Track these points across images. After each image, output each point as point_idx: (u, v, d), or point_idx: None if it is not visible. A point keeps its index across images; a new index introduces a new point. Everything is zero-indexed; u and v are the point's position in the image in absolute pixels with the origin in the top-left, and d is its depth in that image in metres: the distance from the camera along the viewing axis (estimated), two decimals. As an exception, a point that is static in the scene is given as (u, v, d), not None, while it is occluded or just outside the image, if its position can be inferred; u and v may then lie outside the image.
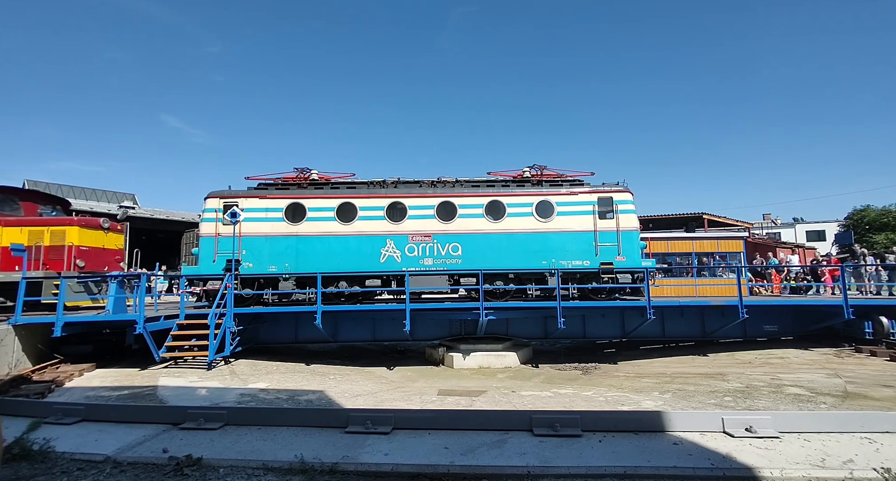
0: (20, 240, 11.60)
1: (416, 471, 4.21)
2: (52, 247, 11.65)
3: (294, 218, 12.14)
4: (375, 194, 12.41)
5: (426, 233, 12.09)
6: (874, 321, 11.13)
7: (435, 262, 11.97)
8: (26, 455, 4.74)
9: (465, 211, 12.21)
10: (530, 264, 11.82)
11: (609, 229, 11.95)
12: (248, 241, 11.90)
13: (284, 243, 11.97)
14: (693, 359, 11.21)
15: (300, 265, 11.82)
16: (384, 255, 11.98)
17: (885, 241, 31.47)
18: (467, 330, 12.31)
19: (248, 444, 4.94)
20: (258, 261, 11.84)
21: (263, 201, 12.23)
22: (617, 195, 12.15)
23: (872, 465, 4.05)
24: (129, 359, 10.51)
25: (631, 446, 4.63)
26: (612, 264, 11.72)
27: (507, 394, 8.41)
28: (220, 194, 12.30)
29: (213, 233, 11.91)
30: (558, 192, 12.33)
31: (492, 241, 12.03)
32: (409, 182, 12.84)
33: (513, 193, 12.37)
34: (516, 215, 12.15)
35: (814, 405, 7.34)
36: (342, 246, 12.00)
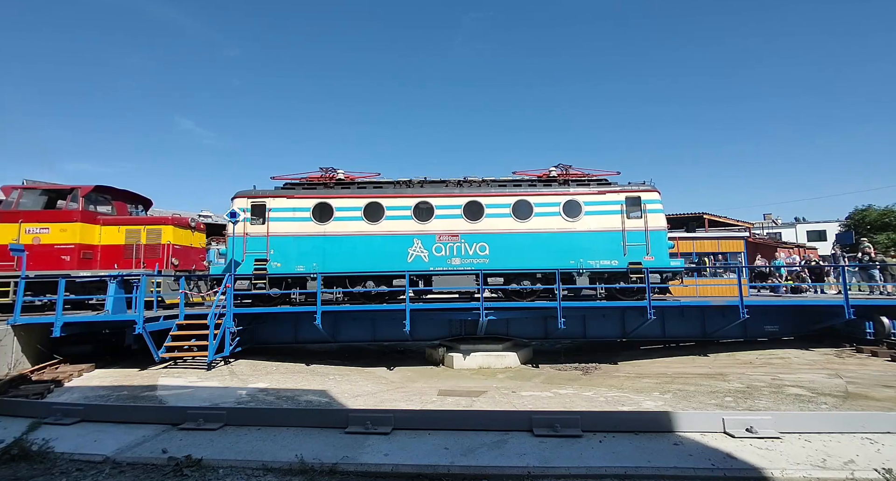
0: (118, 238, 12.06)
1: (416, 472, 4.20)
2: (149, 246, 11.98)
3: (321, 217, 12.13)
4: (402, 194, 12.38)
5: (454, 233, 12.06)
6: (875, 321, 11.10)
7: (463, 262, 11.93)
8: (25, 455, 4.73)
9: (493, 210, 12.17)
10: (558, 264, 11.72)
11: (637, 229, 11.89)
12: (275, 241, 11.90)
13: (312, 243, 11.96)
14: (694, 360, 11.19)
15: (328, 265, 11.80)
16: (411, 255, 11.95)
17: (886, 241, 31.47)
18: (467, 330, 12.29)
19: (248, 445, 4.93)
20: (286, 260, 11.83)
21: (291, 201, 12.22)
22: (645, 194, 12.10)
23: (873, 466, 4.04)
24: (129, 360, 10.49)
25: (631, 446, 4.62)
26: (641, 264, 11.66)
27: (507, 395, 8.40)
28: (247, 194, 12.30)
29: (241, 233, 11.93)
30: (586, 192, 12.29)
31: (519, 241, 11.98)
32: (436, 181, 12.82)
33: (540, 193, 12.34)
34: (543, 215, 12.11)
35: (815, 405, 7.32)
36: (369, 245, 11.98)
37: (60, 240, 11.58)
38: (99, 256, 12.11)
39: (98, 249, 12.15)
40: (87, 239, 11.97)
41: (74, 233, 11.69)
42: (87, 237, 11.97)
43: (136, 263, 11.99)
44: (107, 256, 12.11)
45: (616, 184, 12.52)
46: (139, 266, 11.95)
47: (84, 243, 11.85)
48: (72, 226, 11.77)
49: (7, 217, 11.76)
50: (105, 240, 12.18)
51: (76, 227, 11.72)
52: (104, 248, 12.13)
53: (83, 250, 11.83)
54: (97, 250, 12.13)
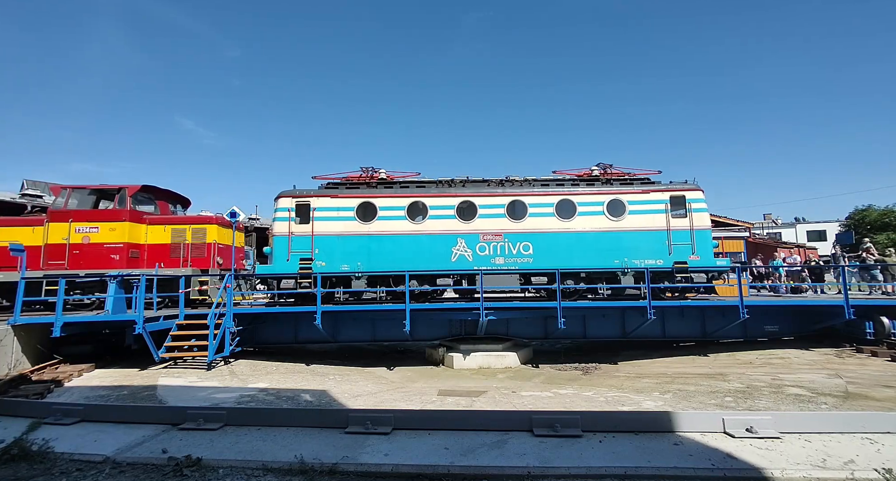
0: (163, 238, 12.17)
1: (416, 472, 4.20)
2: (195, 245, 12.08)
3: (365, 217, 12.18)
4: (445, 193, 12.42)
5: (497, 232, 12.08)
6: (875, 321, 11.08)
7: (506, 261, 11.95)
8: (25, 455, 4.73)
9: (536, 210, 12.18)
10: (602, 263, 11.74)
11: (682, 228, 11.89)
12: (320, 240, 11.96)
13: (356, 242, 12.02)
14: (694, 360, 11.18)
15: (372, 264, 11.86)
16: (455, 254, 11.98)
17: (885, 241, 31.46)
18: (467, 330, 12.28)
19: (248, 445, 4.93)
20: (331, 259, 11.89)
21: (335, 200, 12.28)
22: (689, 193, 12.09)
23: (873, 466, 4.04)
24: (129, 360, 10.48)
25: (631, 446, 4.62)
26: (686, 263, 11.65)
27: (507, 395, 8.39)
28: (292, 194, 12.35)
29: (286, 233, 11.97)
30: (629, 191, 12.27)
31: (563, 240, 11.99)
32: (477, 181, 12.85)
33: (583, 192, 12.34)
34: (587, 214, 12.11)
35: (815, 405, 7.31)
36: (413, 245, 12.02)
37: (109, 240, 11.70)
38: (146, 255, 12.21)
39: (145, 248, 12.25)
40: (135, 238, 12.07)
41: (123, 232, 11.80)
42: (135, 236, 12.08)
43: (183, 262, 12.09)
44: (153, 255, 12.20)
45: (660, 183, 12.53)
46: (186, 265, 12.06)
47: (132, 242, 11.97)
48: (120, 225, 11.88)
49: (58, 216, 11.88)
50: (151, 239, 12.29)
51: (125, 227, 11.83)
52: (150, 247, 12.23)
53: (131, 249, 11.95)
54: (144, 249, 12.23)
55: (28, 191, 25.54)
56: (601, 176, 12.85)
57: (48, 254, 11.60)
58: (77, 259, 11.57)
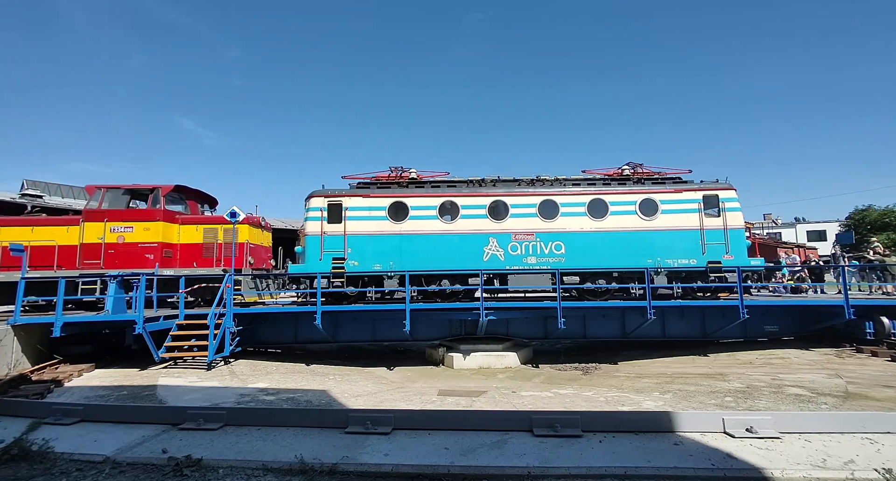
0: (196, 237, 12.27)
1: (416, 472, 4.20)
2: (228, 245, 12.11)
3: (397, 216, 12.21)
4: (477, 193, 12.44)
5: (529, 232, 12.08)
6: (875, 321, 11.07)
7: (539, 261, 11.95)
8: (25, 455, 4.73)
9: (567, 209, 12.18)
10: (635, 263, 11.71)
11: (716, 227, 11.87)
12: (352, 240, 12.01)
13: (388, 241, 12.05)
14: (694, 360, 11.18)
15: (404, 263, 11.87)
16: (487, 254, 11.99)
17: (886, 242, 31.47)
18: (467, 330, 12.27)
19: (248, 445, 4.93)
20: (363, 259, 11.93)
21: (367, 200, 12.32)
22: (723, 192, 12.07)
23: (873, 466, 4.04)
24: (129, 360, 10.49)
25: (631, 446, 4.62)
26: (720, 263, 11.62)
27: (507, 395, 8.39)
28: (324, 193, 12.39)
29: (318, 232, 12.01)
30: (662, 190, 12.25)
31: (595, 240, 11.98)
32: (508, 180, 12.87)
33: (615, 191, 12.32)
34: (619, 213, 12.10)
35: (815, 405, 7.31)
36: (445, 244, 12.04)
37: (144, 239, 11.77)
38: (178, 255, 12.25)
39: (177, 248, 12.30)
40: (168, 238, 12.13)
41: (157, 231, 11.85)
42: (168, 236, 12.13)
43: (216, 262, 12.12)
44: (186, 255, 12.25)
45: (692, 182, 12.51)
46: (218, 264, 12.10)
47: (165, 242, 12.03)
48: (154, 224, 11.94)
49: (93, 216, 11.93)
50: (184, 239, 12.34)
51: (159, 226, 11.89)
52: (183, 247, 12.29)
53: (165, 249, 12.01)
54: (176, 249, 12.28)
55: (28, 191, 25.54)
56: (632, 175, 12.82)
57: (84, 253, 11.66)
58: (112, 258, 11.65)
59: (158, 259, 11.72)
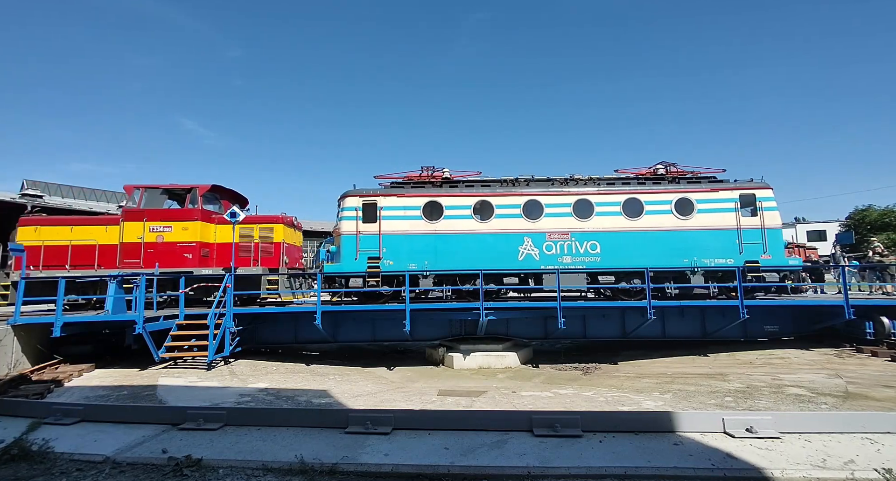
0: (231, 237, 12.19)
1: (416, 472, 4.20)
2: (262, 244, 12.24)
3: (431, 216, 12.22)
4: (511, 192, 12.45)
5: (564, 231, 12.06)
6: (875, 321, 11.07)
7: (574, 260, 11.94)
8: (25, 455, 4.73)
9: (602, 209, 12.16)
10: (671, 262, 11.70)
11: (753, 226, 11.83)
12: (387, 239, 12.02)
13: (423, 241, 12.06)
14: (694, 360, 11.17)
15: (439, 262, 11.89)
16: (522, 253, 11.99)
17: (886, 242, 31.47)
18: (467, 330, 12.27)
19: (248, 445, 4.93)
20: (398, 258, 11.94)
21: (401, 199, 12.34)
22: (759, 192, 12.03)
23: (873, 466, 4.04)
24: (129, 360, 10.48)
25: (631, 446, 4.62)
26: (758, 263, 11.59)
27: (507, 395, 8.39)
28: (358, 193, 12.41)
29: (353, 232, 12.03)
30: (697, 189, 12.22)
31: (630, 239, 11.96)
32: (542, 180, 12.86)
33: (650, 191, 12.30)
34: (655, 213, 12.07)
35: (815, 405, 7.31)
36: (480, 244, 12.05)
37: (182, 239, 11.86)
38: (215, 254, 12.31)
39: (214, 247, 12.36)
40: (205, 237, 12.22)
41: (195, 231, 11.93)
42: (205, 235, 12.22)
43: (253, 261, 12.16)
44: (222, 254, 12.29)
45: (729, 181, 12.48)
46: (255, 264, 12.15)
47: (203, 241, 12.11)
48: (193, 224, 12.04)
49: (133, 216, 12.00)
50: (220, 238, 12.40)
51: (197, 226, 11.97)
52: (220, 247, 12.36)
53: (202, 248, 12.08)
54: (213, 248, 12.35)
55: (28, 191, 25.58)
56: (667, 174, 12.80)
57: (124, 252, 11.76)
58: (151, 258, 11.75)
59: (197, 258, 11.82)
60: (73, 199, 29.09)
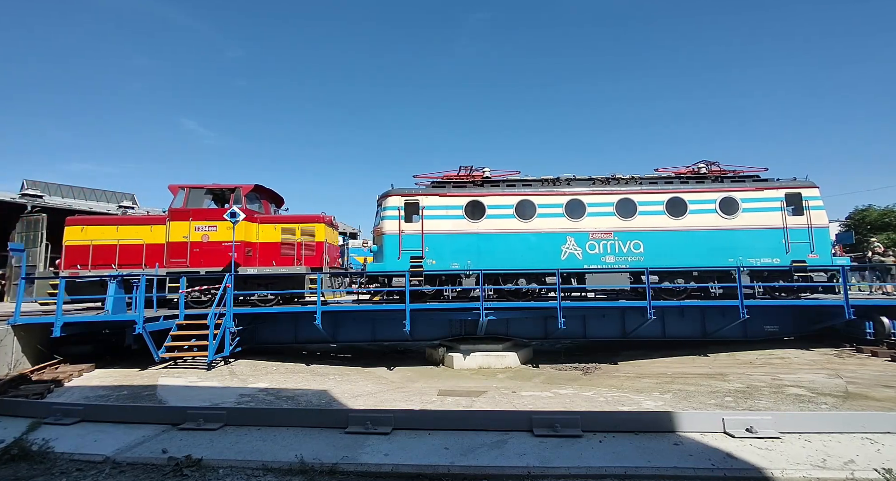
0: (273, 236, 12.44)
1: (416, 472, 4.20)
2: (304, 244, 12.28)
3: (474, 215, 12.29)
4: (553, 192, 12.48)
5: (606, 231, 12.09)
6: (875, 321, 11.07)
7: (617, 260, 11.96)
8: (25, 455, 4.73)
9: (645, 208, 12.17)
10: (715, 262, 11.67)
11: (799, 226, 11.81)
12: (430, 238, 12.10)
13: (465, 240, 12.13)
14: (694, 360, 11.18)
15: (481, 262, 11.92)
16: (565, 253, 12.03)
17: (886, 242, 31.46)
18: (467, 330, 12.27)
19: (248, 445, 4.93)
20: (440, 257, 12.03)
21: (443, 199, 12.43)
22: (806, 191, 12.00)
23: (873, 466, 4.04)
24: (129, 360, 10.48)
25: (631, 446, 4.62)
26: (805, 262, 11.56)
27: (507, 395, 8.39)
28: (400, 192, 12.48)
29: (396, 231, 12.11)
30: (742, 188, 12.20)
31: (674, 239, 11.96)
32: (583, 179, 12.89)
33: (693, 190, 12.29)
34: (698, 212, 12.06)
35: (815, 405, 7.31)
36: (522, 243, 12.10)
37: (227, 238, 11.85)
38: (258, 254, 12.35)
39: (256, 247, 12.41)
40: (248, 236, 12.27)
41: (240, 230, 11.94)
42: (249, 235, 12.27)
43: (296, 261, 12.21)
44: (265, 253, 12.36)
45: (774, 179, 12.47)
46: (299, 263, 12.19)
47: (247, 241, 12.16)
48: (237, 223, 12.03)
49: (179, 215, 12.07)
50: (262, 237, 12.47)
51: (241, 225, 11.97)
52: (262, 246, 12.42)
53: (247, 247, 12.12)
54: (256, 248, 12.39)
55: (28, 191, 25.57)
56: (710, 173, 12.78)
57: (170, 252, 11.83)
58: (197, 257, 11.82)
59: (241, 257, 11.88)
60: (73, 199, 29.08)
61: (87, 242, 11.69)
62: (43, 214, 22.32)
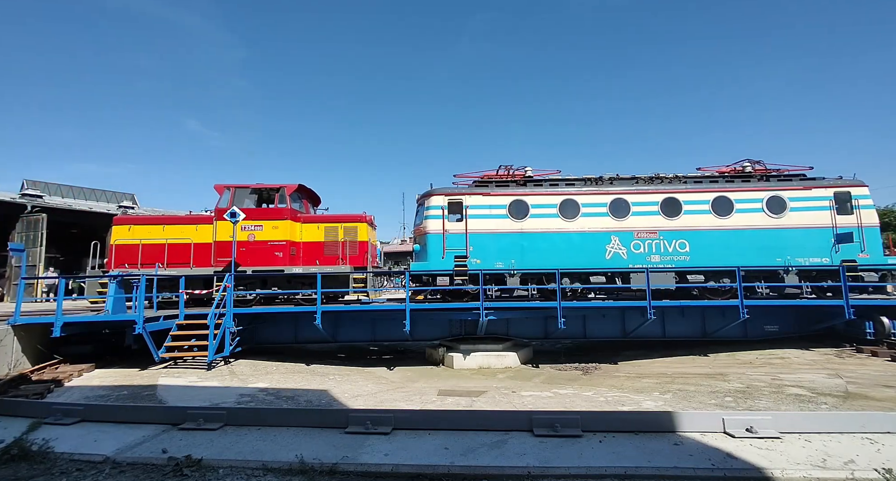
0: (316, 236, 12.54)
1: (416, 472, 4.20)
2: (348, 243, 12.37)
3: (517, 214, 12.31)
4: (597, 191, 12.47)
5: (652, 230, 12.06)
6: (875, 321, 11.08)
7: (662, 259, 11.94)
8: (25, 455, 4.73)
9: (691, 207, 12.14)
10: (763, 261, 11.62)
11: (849, 225, 11.74)
12: (474, 238, 12.13)
13: (509, 240, 12.15)
14: (694, 360, 11.17)
15: (525, 261, 11.93)
16: (609, 252, 12.02)
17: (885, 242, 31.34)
18: (467, 330, 12.27)
19: (248, 445, 4.93)
20: (485, 257, 12.04)
21: (487, 198, 12.46)
22: (855, 189, 11.97)
23: (873, 466, 4.04)
24: (129, 360, 10.48)
25: (631, 446, 4.62)
26: (855, 262, 11.50)
27: (507, 395, 8.39)
28: (444, 191, 12.52)
29: (440, 230, 12.15)
30: (790, 187, 12.15)
31: (720, 238, 11.91)
32: (626, 178, 12.88)
33: (740, 188, 12.25)
34: (745, 211, 12.02)
35: (815, 405, 7.31)
36: (566, 242, 12.11)
37: (273, 237, 12.01)
38: (301, 253, 12.41)
39: (300, 246, 12.47)
40: (293, 236, 12.33)
41: (285, 230, 12.07)
42: (293, 234, 12.32)
43: (339, 260, 12.28)
44: (308, 253, 12.42)
45: (822, 178, 12.41)
46: (343, 262, 12.25)
47: (292, 240, 12.22)
48: (283, 223, 12.19)
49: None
50: (305, 237, 12.54)
51: (286, 225, 12.10)
52: (305, 245, 12.49)
53: (292, 246, 12.16)
54: (299, 247, 12.46)
55: (28, 191, 25.57)
56: (755, 172, 12.71)
57: (217, 251, 11.92)
58: (244, 256, 11.92)
59: (287, 257, 11.96)
60: (73, 199, 29.06)
61: (136, 241, 11.82)
62: (43, 214, 22.32)
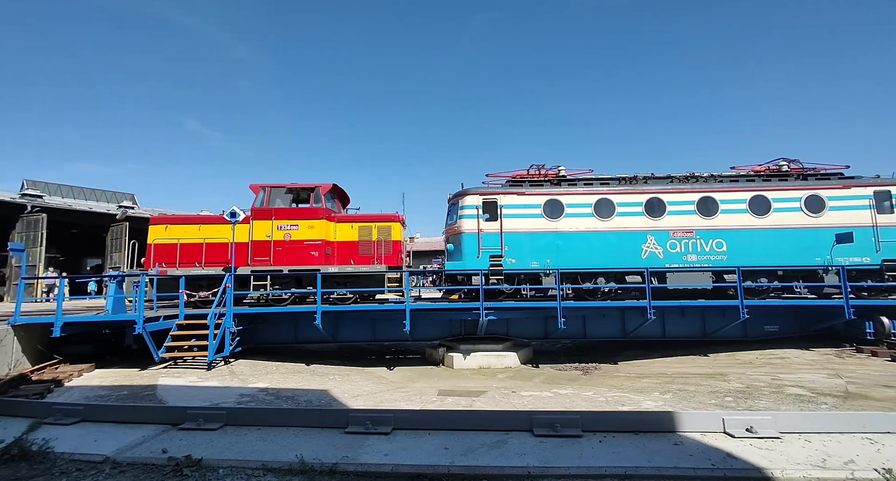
0: (350, 235, 12.53)
1: (416, 472, 4.20)
2: (383, 243, 12.38)
3: (552, 214, 12.26)
4: (632, 190, 12.41)
5: (688, 229, 11.97)
6: (875, 321, 11.08)
7: (699, 259, 11.85)
8: (25, 455, 4.73)
9: (727, 206, 12.06)
10: (801, 261, 11.54)
11: (890, 224, 11.66)
12: (509, 237, 12.11)
13: (544, 239, 12.11)
14: (694, 360, 11.18)
15: (560, 261, 11.88)
16: (645, 251, 11.96)
17: None
18: (467, 330, 12.28)
19: (248, 445, 4.93)
20: (520, 256, 12.01)
21: (521, 198, 12.41)
22: (895, 188, 11.89)
23: (873, 466, 4.04)
24: (129, 360, 10.48)
25: (631, 446, 4.62)
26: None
27: (507, 395, 8.39)
28: (478, 191, 12.50)
29: (475, 230, 12.12)
30: (828, 186, 12.05)
31: (758, 237, 11.83)
32: (661, 177, 12.83)
33: (777, 187, 12.17)
34: (783, 210, 11.93)
35: (815, 405, 7.31)
36: (601, 242, 12.05)
37: (308, 237, 11.99)
38: (336, 252, 12.40)
39: (334, 246, 12.46)
40: (328, 235, 12.33)
41: (321, 229, 12.06)
42: (328, 233, 12.33)
43: (374, 260, 12.27)
44: (342, 252, 12.42)
45: (861, 177, 12.35)
46: (378, 262, 12.24)
47: (326, 239, 12.22)
48: (318, 223, 12.16)
49: (261, 214, 12.17)
50: (339, 236, 12.53)
51: (322, 224, 12.09)
52: (339, 245, 12.48)
53: (327, 246, 12.17)
54: (334, 246, 12.45)
55: (28, 191, 25.56)
56: (792, 171, 12.65)
57: (254, 250, 11.92)
58: (280, 255, 11.91)
59: (322, 256, 11.95)
60: (73, 199, 29.06)
61: (174, 241, 11.82)
62: (43, 214, 22.32)
